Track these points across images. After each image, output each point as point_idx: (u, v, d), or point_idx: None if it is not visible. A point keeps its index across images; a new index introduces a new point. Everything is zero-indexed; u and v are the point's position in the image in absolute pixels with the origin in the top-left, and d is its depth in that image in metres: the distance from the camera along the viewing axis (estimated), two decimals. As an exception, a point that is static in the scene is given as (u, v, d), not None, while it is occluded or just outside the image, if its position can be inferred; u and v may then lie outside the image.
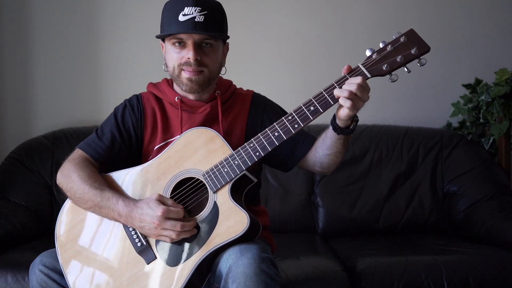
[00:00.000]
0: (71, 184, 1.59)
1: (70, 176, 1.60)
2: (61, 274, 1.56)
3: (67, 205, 1.64)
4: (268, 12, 2.91)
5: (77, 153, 1.67)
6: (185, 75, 1.62)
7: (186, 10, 1.58)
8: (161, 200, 1.50)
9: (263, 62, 2.89)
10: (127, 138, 1.69)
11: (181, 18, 1.58)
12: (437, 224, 2.60)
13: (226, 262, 1.42)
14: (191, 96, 1.69)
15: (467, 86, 2.85)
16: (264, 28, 2.89)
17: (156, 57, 2.84)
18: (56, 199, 2.54)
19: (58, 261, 1.57)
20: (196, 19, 1.57)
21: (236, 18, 1.68)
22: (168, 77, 1.75)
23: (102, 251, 1.56)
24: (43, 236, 2.39)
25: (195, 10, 1.58)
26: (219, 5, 1.66)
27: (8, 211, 2.37)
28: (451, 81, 2.92)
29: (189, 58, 1.59)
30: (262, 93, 1.83)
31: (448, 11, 2.94)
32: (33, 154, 2.61)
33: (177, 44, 1.61)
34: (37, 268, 1.57)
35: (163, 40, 1.68)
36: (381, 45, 1.46)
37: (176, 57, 1.62)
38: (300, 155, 1.69)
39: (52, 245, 1.63)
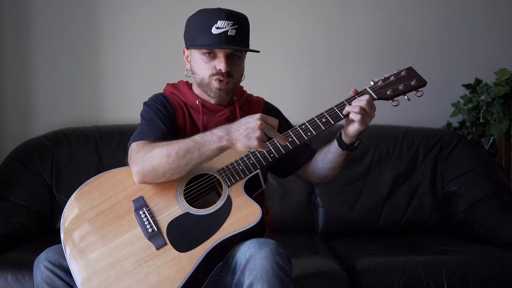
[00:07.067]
0: (157, 160, 1.52)
1: (149, 157, 1.54)
2: (66, 271, 1.53)
3: (71, 199, 1.62)
4: (273, 15, 2.90)
5: (134, 144, 1.62)
6: (215, 84, 1.69)
7: (220, 23, 1.63)
8: None
9: (268, 66, 2.87)
10: (168, 125, 1.70)
11: (214, 30, 1.63)
12: (437, 224, 2.60)
13: (245, 254, 1.46)
14: (211, 100, 1.75)
15: (467, 86, 2.85)
16: (270, 32, 2.87)
17: (156, 57, 2.88)
18: (56, 199, 2.54)
19: (63, 257, 1.54)
20: (228, 33, 1.64)
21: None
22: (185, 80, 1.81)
23: (110, 241, 1.53)
24: (43, 236, 2.38)
25: (228, 24, 1.64)
26: (247, 18, 1.72)
27: (8, 211, 2.37)
28: (451, 81, 2.92)
29: (220, 69, 1.66)
30: (267, 98, 1.91)
31: (448, 11, 2.94)
32: (33, 154, 2.61)
33: (207, 54, 1.67)
34: (42, 264, 1.54)
35: (187, 47, 1.74)
36: (383, 77, 1.64)
37: (206, 67, 1.68)
38: (299, 164, 1.80)
39: (52, 244, 1.62)
